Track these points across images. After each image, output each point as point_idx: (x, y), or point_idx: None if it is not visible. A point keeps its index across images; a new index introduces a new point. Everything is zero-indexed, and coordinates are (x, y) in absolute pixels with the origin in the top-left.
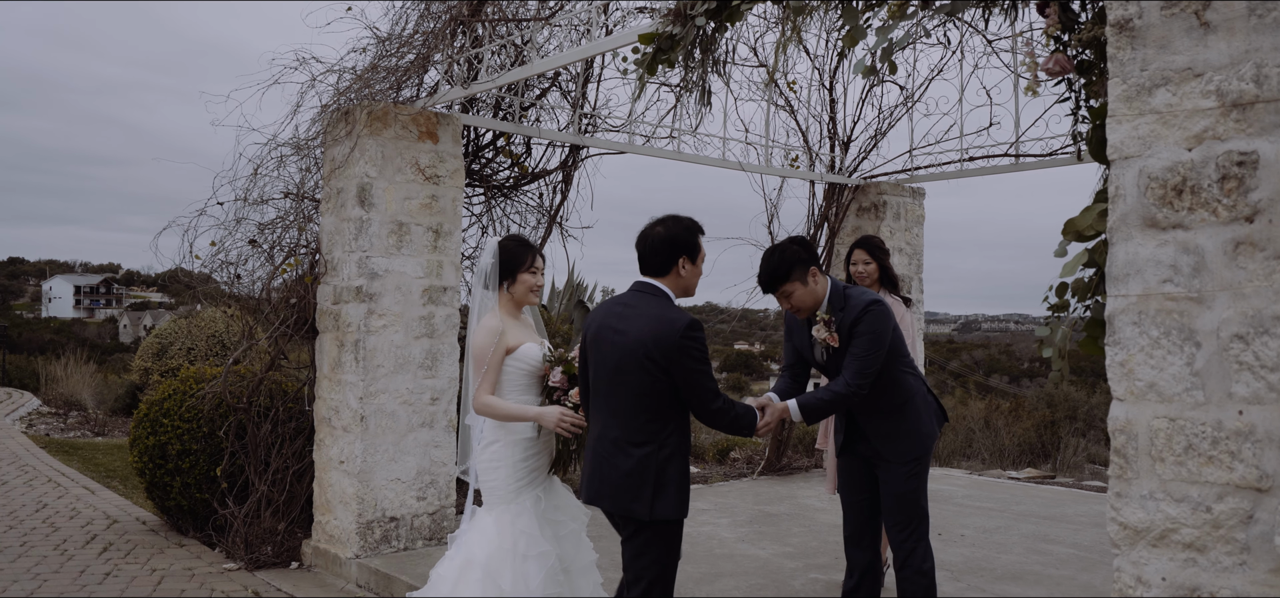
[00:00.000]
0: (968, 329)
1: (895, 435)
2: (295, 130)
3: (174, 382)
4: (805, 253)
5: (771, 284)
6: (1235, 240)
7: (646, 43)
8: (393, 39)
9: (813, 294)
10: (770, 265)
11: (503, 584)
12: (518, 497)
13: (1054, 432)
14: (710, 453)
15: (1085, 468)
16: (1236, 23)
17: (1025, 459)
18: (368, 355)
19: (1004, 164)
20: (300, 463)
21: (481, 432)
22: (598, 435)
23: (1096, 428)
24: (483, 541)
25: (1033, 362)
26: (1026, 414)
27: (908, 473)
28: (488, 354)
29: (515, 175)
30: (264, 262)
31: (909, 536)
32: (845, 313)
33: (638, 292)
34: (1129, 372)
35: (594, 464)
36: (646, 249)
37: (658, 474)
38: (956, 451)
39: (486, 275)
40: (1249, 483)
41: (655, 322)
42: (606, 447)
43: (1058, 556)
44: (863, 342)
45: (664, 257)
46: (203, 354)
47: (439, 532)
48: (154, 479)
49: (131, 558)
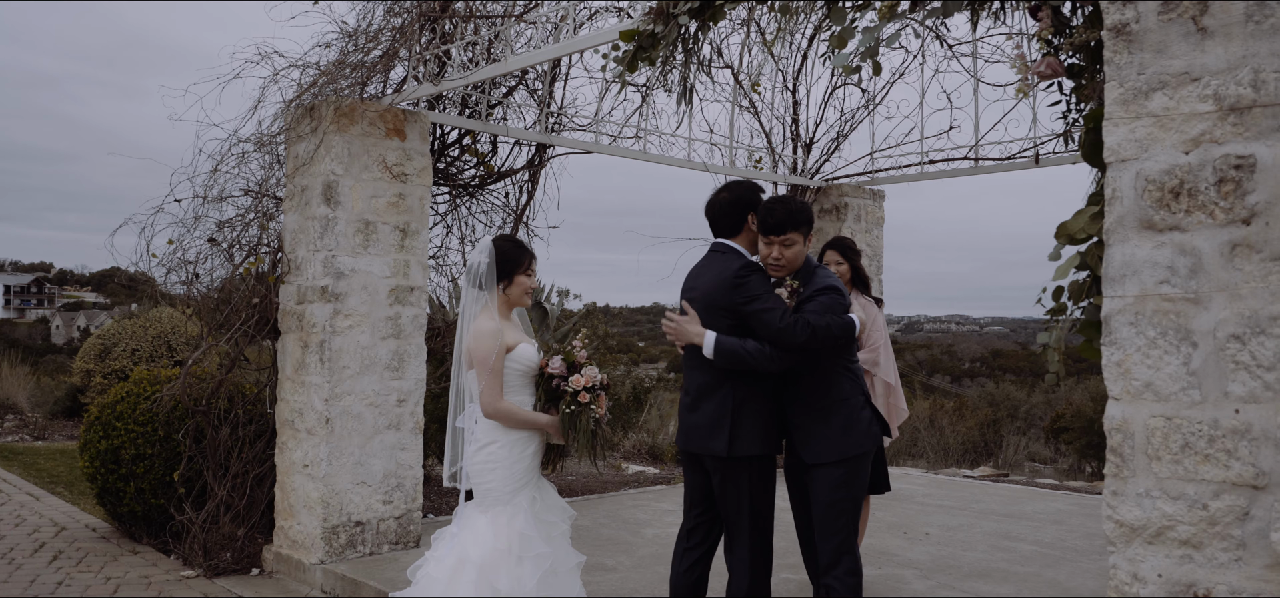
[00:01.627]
0: (911, 330)
1: (816, 437)
2: (258, 126)
3: (127, 384)
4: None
5: (788, 222)
6: (1232, 242)
7: (627, 40)
8: (359, 34)
9: (801, 256)
10: (792, 207)
11: (499, 585)
12: (514, 497)
13: (997, 431)
14: (668, 454)
15: (1026, 466)
16: (1234, 28)
17: (969, 458)
18: (333, 357)
19: (963, 167)
20: (261, 467)
21: (474, 433)
22: (686, 389)
23: (1036, 426)
24: (477, 541)
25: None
26: (970, 414)
27: (833, 482)
28: (492, 357)
29: (481, 174)
30: (224, 260)
31: (831, 548)
32: (809, 286)
33: (710, 253)
34: (1126, 372)
35: (682, 414)
36: (717, 213)
37: (734, 413)
38: (902, 450)
39: (481, 276)
40: (1245, 481)
41: (717, 274)
42: (692, 397)
43: (1022, 553)
44: (801, 315)
45: (733, 217)
46: (148, 355)
47: (406, 536)
48: (106, 485)
49: (84, 566)
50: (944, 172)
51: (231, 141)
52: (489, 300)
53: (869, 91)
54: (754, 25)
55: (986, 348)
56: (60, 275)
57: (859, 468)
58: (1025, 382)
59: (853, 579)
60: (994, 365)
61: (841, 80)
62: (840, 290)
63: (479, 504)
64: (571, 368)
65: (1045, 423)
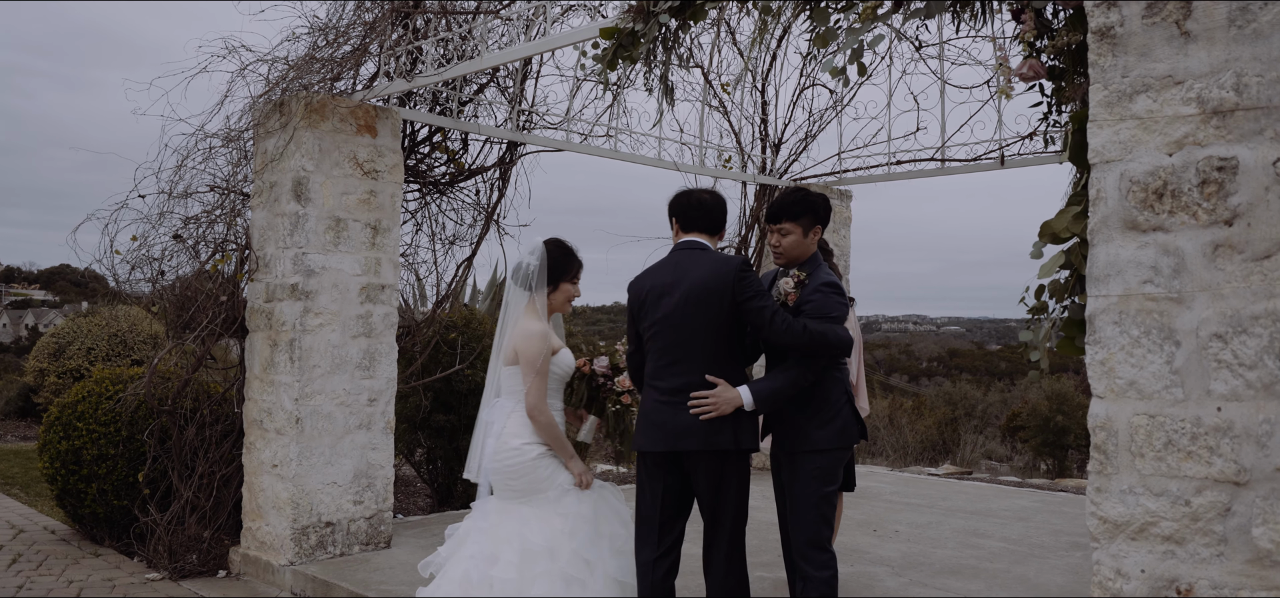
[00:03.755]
0: (869, 329)
1: (796, 428)
2: (225, 121)
3: (88, 383)
4: (824, 211)
5: (785, 213)
6: (1214, 243)
7: (608, 38)
8: (330, 28)
9: (804, 248)
10: (788, 199)
11: (573, 568)
12: (555, 480)
13: (954, 429)
14: (630, 454)
15: (983, 464)
16: (1217, 32)
17: (927, 456)
18: (303, 355)
19: (930, 168)
20: (228, 467)
21: (501, 427)
22: (665, 388)
23: (992, 425)
24: (541, 526)
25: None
26: (928, 412)
27: (809, 472)
28: (540, 359)
29: (452, 172)
30: (190, 258)
31: (804, 540)
32: (812, 279)
33: (689, 249)
34: (1109, 370)
35: (664, 415)
36: (702, 211)
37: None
38: (862, 448)
39: (531, 277)
40: (1227, 477)
41: (713, 268)
42: (676, 395)
43: (990, 550)
44: (806, 318)
45: (719, 217)
46: (104, 354)
47: (376, 536)
48: (66, 486)
49: (45, 570)
50: (911, 172)
51: (198, 137)
52: (534, 301)
53: (837, 93)
54: (725, 25)
55: (943, 347)
56: (6, 272)
57: (835, 462)
58: (981, 381)
59: (827, 573)
60: (951, 365)
61: (811, 80)
62: (835, 286)
63: (521, 497)
64: (615, 369)
65: (1001, 421)
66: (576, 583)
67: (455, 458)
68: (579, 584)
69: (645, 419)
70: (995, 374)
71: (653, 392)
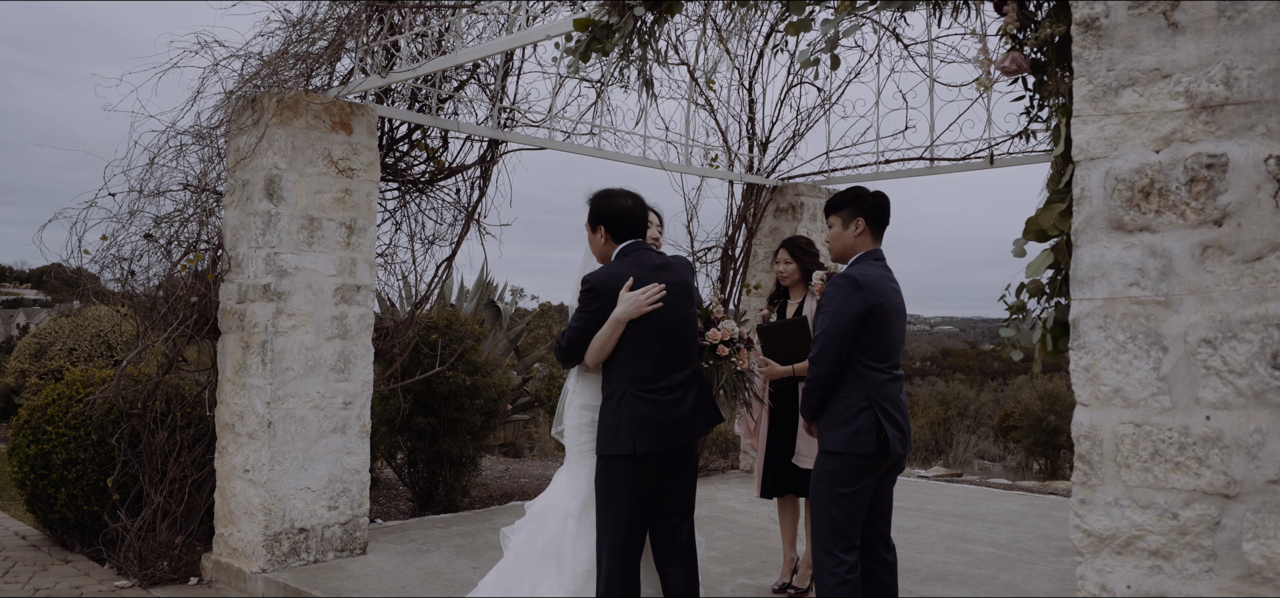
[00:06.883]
0: None
1: (821, 427)
2: (197, 118)
3: (58, 386)
4: (871, 204)
5: (829, 207)
6: (1203, 244)
7: (581, 29)
8: (304, 23)
9: (842, 243)
10: (838, 193)
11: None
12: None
13: (947, 429)
14: None
15: (975, 464)
16: (1206, 24)
17: (920, 456)
18: (276, 358)
19: (919, 167)
20: (200, 472)
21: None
22: (666, 386)
23: (985, 425)
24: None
25: (925, 361)
26: (921, 412)
27: (819, 472)
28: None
29: (431, 170)
30: (161, 257)
31: (814, 545)
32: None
33: (644, 249)
34: (1094, 377)
35: (669, 413)
36: (633, 220)
37: (704, 392)
38: None
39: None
40: (1217, 489)
41: (680, 267)
42: (674, 393)
43: (978, 555)
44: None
45: (643, 223)
46: (86, 355)
47: (351, 542)
48: (36, 491)
49: (12, 576)
50: (899, 171)
51: (169, 134)
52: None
53: (825, 91)
54: (711, 22)
55: (937, 347)
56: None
57: (849, 467)
58: (975, 380)
59: (833, 579)
60: (944, 364)
61: (798, 78)
62: (839, 285)
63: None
64: (707, 322)
65: (994, 421)
66: None
67: (437, 461)
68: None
69: (647, 422)
70: (988, 374)
71: (652, 394)
